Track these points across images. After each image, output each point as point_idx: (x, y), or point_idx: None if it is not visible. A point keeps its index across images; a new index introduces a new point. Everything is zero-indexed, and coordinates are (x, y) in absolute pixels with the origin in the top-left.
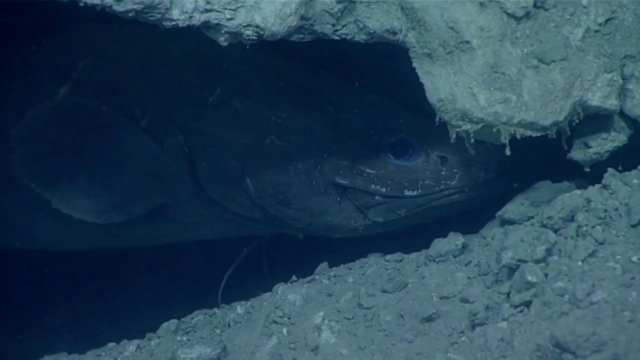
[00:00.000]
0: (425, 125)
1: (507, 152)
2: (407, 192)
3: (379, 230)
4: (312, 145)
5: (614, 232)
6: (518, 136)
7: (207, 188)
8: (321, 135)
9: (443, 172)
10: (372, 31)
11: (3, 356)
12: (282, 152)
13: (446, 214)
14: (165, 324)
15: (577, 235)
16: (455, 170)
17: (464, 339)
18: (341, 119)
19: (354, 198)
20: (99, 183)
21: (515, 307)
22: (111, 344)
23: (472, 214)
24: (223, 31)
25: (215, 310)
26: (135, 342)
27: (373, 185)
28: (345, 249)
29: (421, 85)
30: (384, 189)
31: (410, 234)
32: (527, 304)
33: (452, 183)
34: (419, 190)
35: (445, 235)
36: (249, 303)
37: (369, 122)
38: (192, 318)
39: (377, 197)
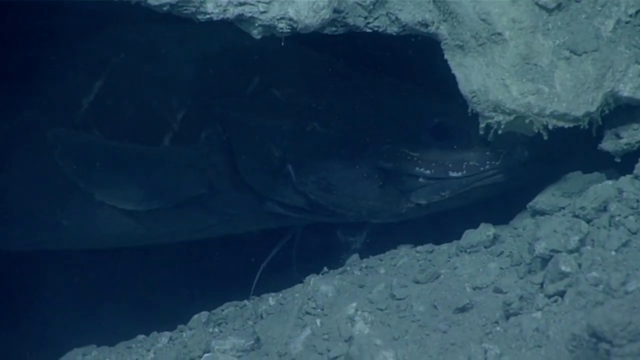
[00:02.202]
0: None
1: (545, 137)
2: (452, 174)
3: (422, 213)
4: (353, 131)
5: None
6: (550, 127)
7: (247, 177)
8: (362, 120)
9: (488, 153)
10: (404, 23)
11: (41, 346)
12: (323, 138)
13: (488, 195)
14: (196, 316)
15: (610, 226)
16: (500, 150)
17: (498, 329)
18: (381, 104)
19: (397, 182)
20: (139, 174)
21: (550, 297)
22: (141, 336)
23: (502, 206)
24: (256, 24)
25: (246, 302)
26: (167, 334)
27: (417, 168)
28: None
29: (453, 77)
30: (428, 171)
31: (439, 225)
32: (561, 293)
33: (497, 163)
34: (464, 172)
35: (475, 227)
36: (280, 295)
37: (409, 106)
38: (223, 310)
39: (420, 180)
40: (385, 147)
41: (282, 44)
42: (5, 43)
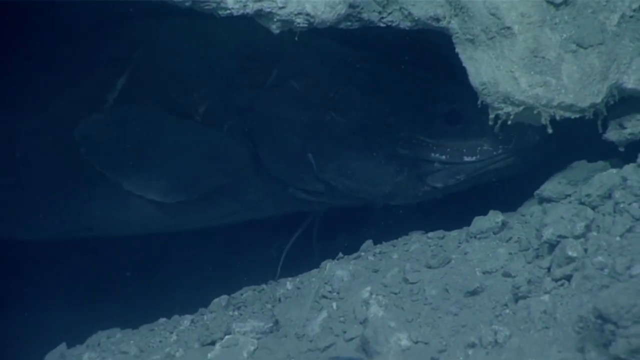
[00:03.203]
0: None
1: (549, 130)
2: (466, 158)
3: (438, 196)
4: (371, 119)
5: None
6: (557, 118)
7: (269, 166)
8: (379, 109)
9: (500, 137)
10: (416, 18)
11: (68, 327)
12: (342, 127)
13: (501, 177)
14: (216, 300)
15: (615, 212)
16: (512, 134)
17: (507, 311)
18: (396, 92)
19: (414, 167)
20: (164, 165)
21: (557, 280)
22: (162, 319)
23: (509, 193)
24: (275, 19)
25: (264, 286)
26: (188, 317)
27: (433, 154)
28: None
29: (463, 69)
30: (443, 157)
31: (449, 212)
32: (568, 277)
33: (510, 147)
34: (478, 156)
35: (484, 214)
36: (297, 279)
37: (423, 94)
38: (242, 294)
39: (436, 165)
40: (401, 134)
41: (296, 38)
42: (34, 43)
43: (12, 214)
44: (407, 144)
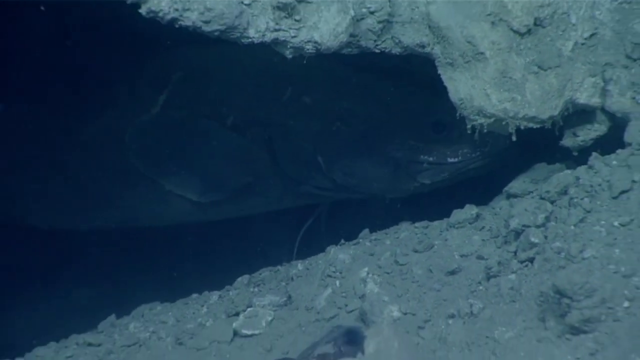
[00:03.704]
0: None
1: (513, 138)
2: (450, 160)
3: (426, 190)
4: (370, 128)
5: (599, 202)
6: (522, 127)
7: (285, 167)
8: (376, 119)
9: (477, 142)
10: (405, 45)
11: (118, 302)
12: (346, 134)
13: (478, 175)
14: (239, 279)
15: (570, 206)
16: (486, 140)
17: (481, 288)
18: (391, 106)
19: (406, 166)
20: (199, 168)
21: (522, 262)
22: (194, 295)
23: (482, 190)
24: (288, 46)
25: (279, 267)
26: (216, 293)
27: (422, 156)
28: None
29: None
30: (431, 158)
31: (432, 206)
32: (531, 260)
33: (485, 150)
34: (459, 158)
35: (461, 207)
36: (307, 261)
37: (413, 107)
38: (260, 274)
39: (425, 165)
40: (396, 140)
41: (305, 62)
42: (91, 66)
43: (74, 208)
44: (401, 147)
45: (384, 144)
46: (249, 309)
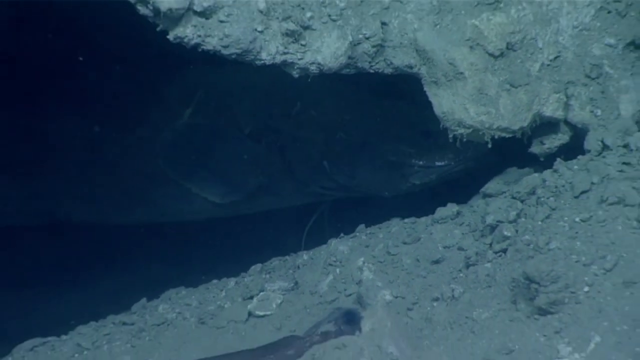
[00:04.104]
0: None
1: (489, 146)
2: (437, 163)
3: (416, 190)
4: (368, 137)
5: (562, 201)
6: (496, 137)
7: (295, 170)
8: (374, 129)
9: (460, 149)
10: (396, 66)
11: (144, 289)
12: (348, 143)
13: (460, 176)
14: (253, 267)
15: (537, 204)
16: (467, 146)
17: (461, 275)
18: (386, 117)
19: (400, 169)
20: (220, 173)
21: (496, 253)
22: (214, 281)
23: (462, 191)
24: (295, 67)
25: (287, 257)
26: (233, 279)
27: (413, 160)
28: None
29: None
30: (421, 162)
31: (419, 205)
32: (504, 250)
33: (467, 155)
34: (445, 161)
35: (444, 205)
36: (311, 252)
37: (405, 119)
38: (271, 263)
39: (415, 167)
40: (390, 147)
41: (309, 80)
42: (126, 85)
43: (116, 206)
44: (395, 153)
45: (380, 150)
46: (261, 293)
